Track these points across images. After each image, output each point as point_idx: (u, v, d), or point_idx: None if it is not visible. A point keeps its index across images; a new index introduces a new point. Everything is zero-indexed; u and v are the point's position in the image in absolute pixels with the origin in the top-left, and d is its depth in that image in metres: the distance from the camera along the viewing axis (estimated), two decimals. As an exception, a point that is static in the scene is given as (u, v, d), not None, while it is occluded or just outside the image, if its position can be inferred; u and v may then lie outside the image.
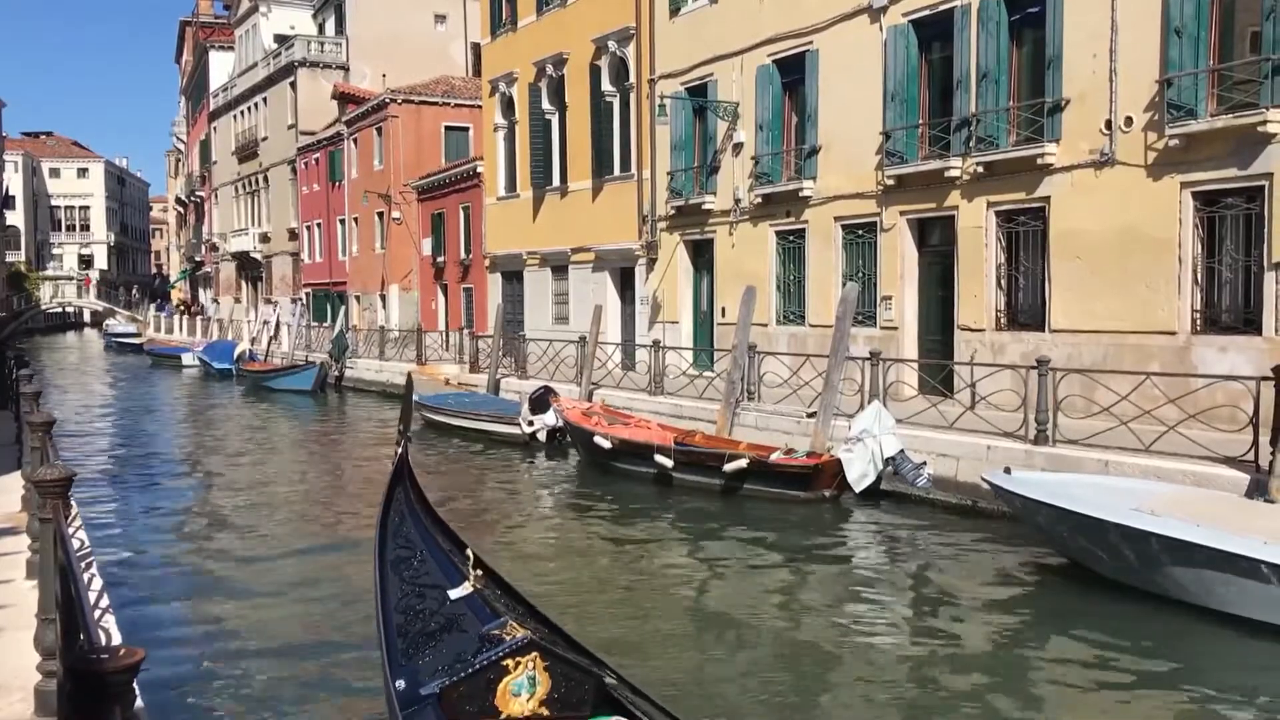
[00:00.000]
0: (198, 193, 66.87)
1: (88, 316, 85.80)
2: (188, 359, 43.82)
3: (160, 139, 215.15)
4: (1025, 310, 15.89)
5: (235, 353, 39.39)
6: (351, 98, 42.81)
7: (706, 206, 21.92)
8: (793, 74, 19.96)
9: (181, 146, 79.19)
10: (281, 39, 49.53)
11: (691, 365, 20.85)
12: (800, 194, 19.44)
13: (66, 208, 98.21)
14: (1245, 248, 13.12)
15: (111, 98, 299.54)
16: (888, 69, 17.67)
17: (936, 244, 17.43)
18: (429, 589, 6.18)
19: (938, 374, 16.08)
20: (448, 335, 32.24)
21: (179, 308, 67.27)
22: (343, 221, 43.06)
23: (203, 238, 65.55)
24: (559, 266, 27.77)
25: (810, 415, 14.92)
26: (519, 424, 19.32)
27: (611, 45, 24.98)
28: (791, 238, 20.13)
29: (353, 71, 45.59)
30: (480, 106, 33.21)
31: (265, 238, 52.57)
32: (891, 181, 17.57)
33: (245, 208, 56.24)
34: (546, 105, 28.10)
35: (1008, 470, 10.79)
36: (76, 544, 7.03)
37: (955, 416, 13.46)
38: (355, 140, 41.20)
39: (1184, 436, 11.06)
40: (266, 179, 52.17)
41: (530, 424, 19.04)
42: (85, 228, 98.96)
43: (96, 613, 5.68)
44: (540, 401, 19.12)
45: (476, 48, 36.87)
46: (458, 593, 6.06)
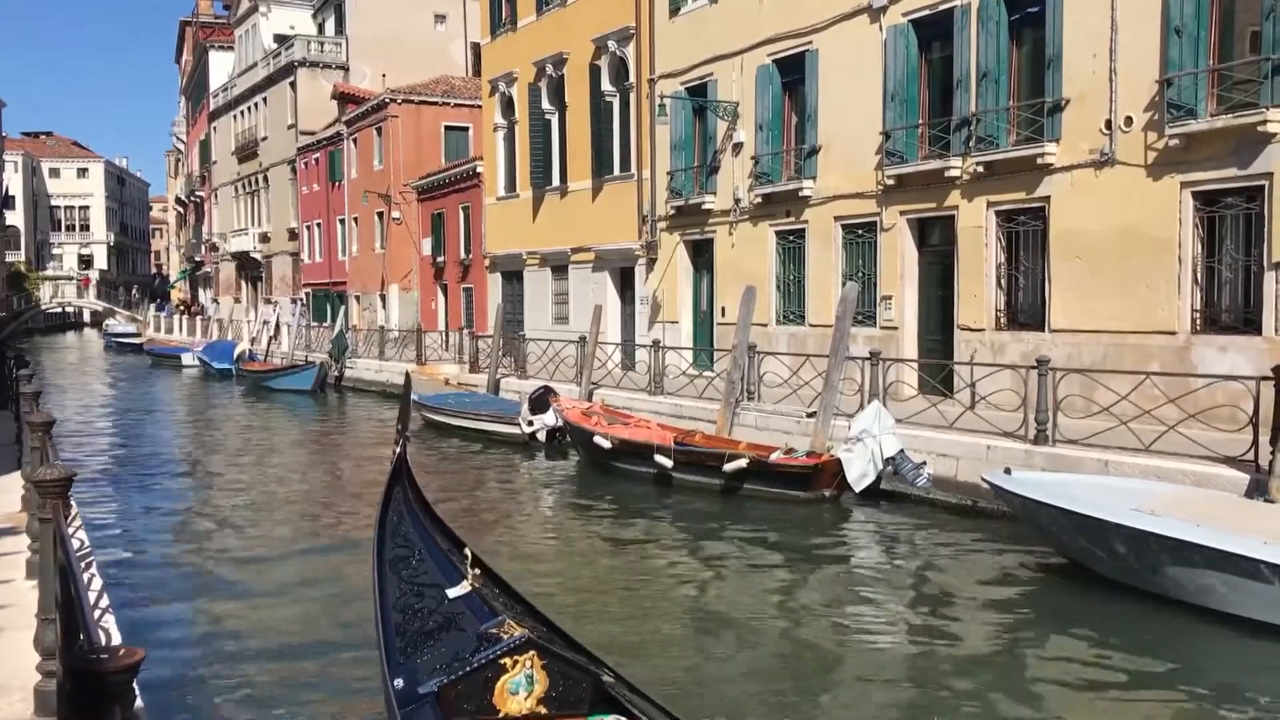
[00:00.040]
0: (198, 193, 66.87)
1: (87, 316, 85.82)
2: (188, 359, 43.83)
3: (160, 139, 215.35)
4: (1025, 310, 15.89)
5: (235, 353, 39.41)
6: (351, 98, 42.80)
7: (706, 206, 21.91)
8: (792, 74, 19.96)
9: (181, 146, 79.19)
10: (281, 39, 49.52)
11: (691, 365, 20.86)
12: (800, 194, 19.44)
13: (66, 208, 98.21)
14: (1245, 247, 13.12)
15: (111, 98, 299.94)
16: (888, 69, 17.68)
17: (936, 244, 17.43)
18: (427, 588, 6.18)
19: (938, 374, 16.08)
20: (448, 335, 32.23)
21: (179, 308, 67.24)
22: (343, 221, 43.06)
23: (203, 238, 65.55)
24: (559, 266, 27.76)
25: (810, 415, 14.91)
26: (519, 424, 19.32)
27: (611, 45, 24.97)
28: (791, 237, 20.13)
29: (353, 71, 45.59)
30: (480, 106, 33.21)
31: (265, 238, 52.57)
32: (891, 181, 17.57)
33: (245, 208, 56.24)
34: (546, 105, 28.10)
35: (1008, 470, 10.79)
36: (76, 544, 7.03)
37: (955, 416, 13.46)
38: (355, 140, 41.20)
39: (1184, 436, 11.07)
40: (266, 179, 52.16)
41: (530, 424, 19.03)
42: (85, 228, 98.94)
43: (96, 613, 5.68)
44: (540, 401, 19.11)
45: (476, 48, 36.86)
46: (456, 591, 6.07)
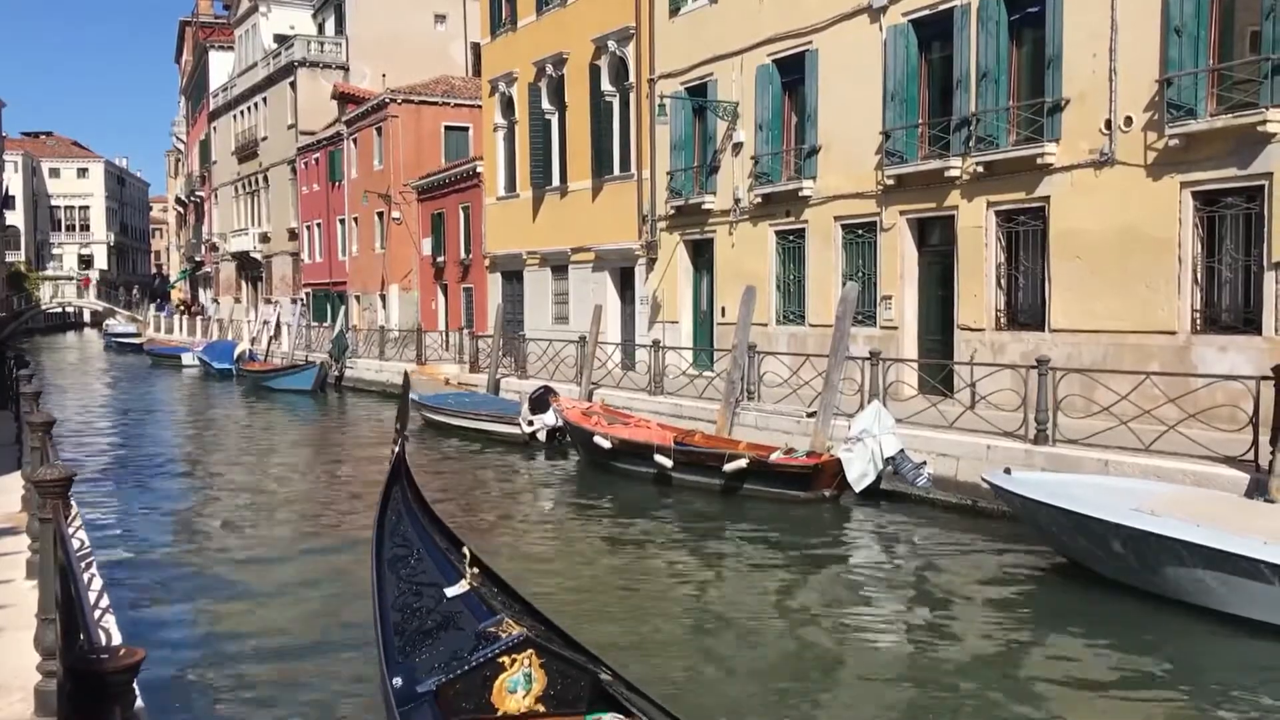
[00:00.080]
0: (198, 193, 66.87)
1: (88, 316, 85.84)
2: (188, 359, 43.85)
3: (160, 139, 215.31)
4: (1025, 310, 15.89)
5: (235, 353, 39.43)
6: (351, 98, 42.80)
7: (706, 206, 21.91)
8: (792, 74, 19.96)
9: (181, 146, 79.19)
10: (281, 39, 49.52)
11: (691, 365, 20.86)
12: (800, 194, 19.44)
13: (66, 208, 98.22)
14: (1245, 247, 13.12)
15: (111, 98, 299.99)
16: (887, 69, 17.68)
17: (936, 244, 17.43)
18: (426, 587, 6.19)
19: (938, 374, 16.08)
20: (448, 335, 32.24)
21: (179, 308, 67.25)
22: (343, 221, 43.06)
23: (203, 238, 65.55)
24: (559, 266, 27.76)
25: (810, 415, 14.91)
26: (519, 424, 19.32)
27: (611, 45, 24.97)
28: (791, 237, 20.13)
29: (353, 71, 45.59)
30: (480, 106, 33.21)
31: (265, 238, 52.57)
32: (891, 181, 17.57)
33: (245, 208, 56.25)
34: (546, 105, 28.10)
35: (1008, 470, 10.79)
36: (76, 544, 7.02)
37: (955, 416, 13.46)
38: (355, 140, 41.20)
39: (1184, 436, 11.06)
40: (266, 179, 52.16)
41: (530, 424, 19.03)
42: (85, 228, 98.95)
43: (96, 613, 5.68)
44: (540, 401, 19.11)
45: (476, 48, 36.86)
46: (454, 590, 6.08)
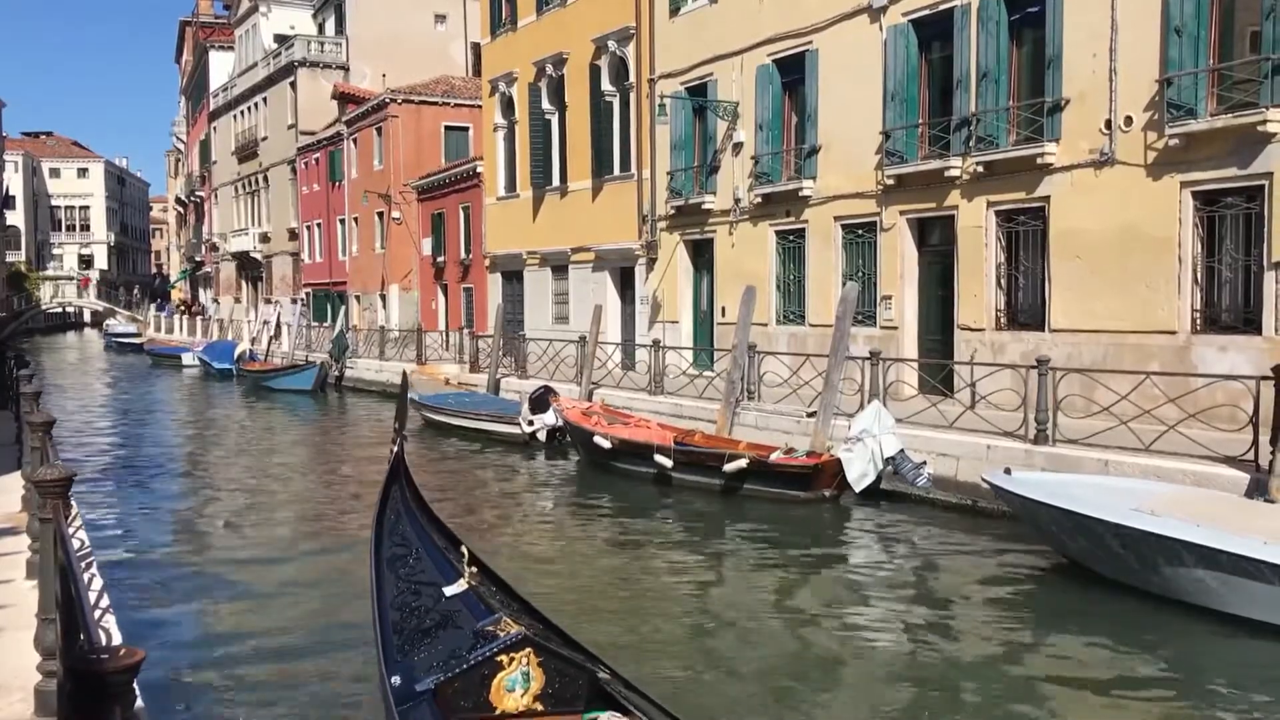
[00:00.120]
0: (198, 193, 66.88)
1: (88, 316, 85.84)
2: (188, 359, 43.85)
3: (160, 139, 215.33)
4: (1025, 310, 15.90)
5: (235, 353, 39.42)
6: (351, 98, 42.81)
7: (706, 206, 21.91)
8: (792, 74, 19.96)
9: (181, 146, 79.19)
10: (281, 39, 49.53)
11: (691, 365, 20.86)
12: (800, 194, 19.44)
13: (66, 208, 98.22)
14: (1245, 247, 13.12)
15: (111, 98, 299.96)
16: (887, 69, 17.68)
17: (936, 243, 17.43)
18: (424, 586, 6.20)
19: (938, 373, 16.07)
20: (448, 335, 32.24)
21: (179, 308, 67.26)
22: (343, 221, 43.07)
23: (203, 238, 65.56)
24: (559, 266, 27.77)
25: (810, 415, 14.91)
26: (519, 424, 19.32)
27: (611, 45, 24.97)
28: (791, 237, 20.13)
29: (353, 71, 45.60)
30: (480, 106, 33.21)
31: (265, 238, 52.58)
32: (891, 181, 17.57)
33: (245, 208, 56.25)
34: (546, 105, 28.10)
35: (1008, 470, 10.79)
36: (76, 544, 7.03)
37: (955, 416, 13.46)
38: (355, 140, 41.20)
39: (1184, 436, 11.06)
40: (266, 179, 52.17)
41: (530, 424, 19.03)
42: (85, 228, 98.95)
43: (96, 613, 5.68)
44: (540, 401, 19.11)
45: (476, 47, 36.87)
46: (453, 589, 6.09)
